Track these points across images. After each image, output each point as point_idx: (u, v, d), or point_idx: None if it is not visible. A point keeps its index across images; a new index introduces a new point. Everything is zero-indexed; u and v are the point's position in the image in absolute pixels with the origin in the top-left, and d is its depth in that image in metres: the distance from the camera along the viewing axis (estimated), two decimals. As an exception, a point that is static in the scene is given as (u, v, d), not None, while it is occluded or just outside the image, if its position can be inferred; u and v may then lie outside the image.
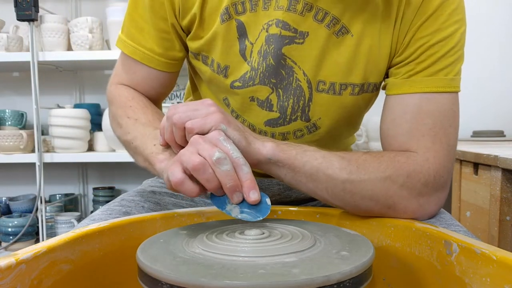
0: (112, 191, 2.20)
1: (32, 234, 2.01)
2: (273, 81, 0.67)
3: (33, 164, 1.91)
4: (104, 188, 2.20)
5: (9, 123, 2.08)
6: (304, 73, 0.66)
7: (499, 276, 0.40)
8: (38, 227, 1.98)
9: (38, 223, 1.97)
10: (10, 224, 1.94)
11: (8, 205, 2.12)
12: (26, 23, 1.88)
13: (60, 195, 2.23)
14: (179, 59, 0.74)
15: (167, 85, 0.78)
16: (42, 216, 1.94)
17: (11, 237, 1.93)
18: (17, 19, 1.82)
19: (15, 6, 1.79)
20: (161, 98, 0.80)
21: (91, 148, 2.06)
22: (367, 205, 0.58)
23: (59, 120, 1.91)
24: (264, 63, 0.66)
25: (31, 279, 0.42)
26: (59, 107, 2.06)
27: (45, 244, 0.45)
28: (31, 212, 1.98)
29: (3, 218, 1.98)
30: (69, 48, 1.96)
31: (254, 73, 0.67)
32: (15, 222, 1.94)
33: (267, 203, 0.51)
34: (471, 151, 1.22)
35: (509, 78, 2.06)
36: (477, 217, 1.21)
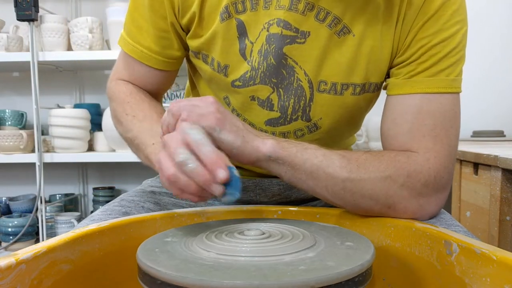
0: (112, 191, 2.20)
1: (32, 234, 2.01)
2: (274, 80, 0.67)
3: (33, 164, 1.91)
4: (104, 188, 2.20)
5: (9, 123, 2.08)
6: (305, 73, 0.66)
7: (499, 276, 0.40)
8: (38, 227, 1.98)
9: (38, 223, 1.97)
10: (10, 224, 1.94)
11: (8, 205, 2.12)
12: (26, 23, 1.88)
13: (60, 195, 2.23)
14: (177, 58, 0.74)
15: (165, 83, 0.79)
16: (42, 216, 1.94)
17: (11, 237, 1.93)
18: (17, 19, 1.82)
19: (15, 6, 1.79)
20: (160, 93, 0.81)
21: (91, 148, 2.06)
22: (367, 204, 0.58)
23: (59, 120, 1.91)
24: (264, 63, 0.66)
25: (31, 279, 0.42)
26: (59, 107, 2.06)
27: (45, 244, 0.45)
28: (31, 212, 1.98)
29: (3, 218, 1.98)
30: (69, 48, 1.96)
31: (254, 72, 0.67)
32: (15, 222, 1.94)
33: (236, 174, 0.47)
34: (471, 151, 1.22)
35: (509, 78, 2.06)
36: (477, 217, 1.21)
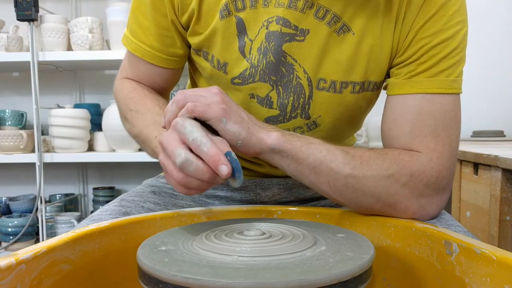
0: (112, 191, 2.20)
1: (32, 234, 2.01)
2: (273, 78, 0.67)
3: (33, 164, 1.91)
4: (104, 188, 2.20)
5: (9, 123, 2.08)
6: (304, 70, 0.66)
7: (499, 276, 0.40)
8: (38, 227, 1.98)
9: (38, 223, 1.97)
10: (10, 224, 1.94)
11: (8, 205, 2.12)
12: (26, 23, 1.88)
13: (60, 195, 2.24)
14: (181, 56, 0.74)
15: (170, 81, 0.79)
16: (42, 216, 1.94)
17: (11, 237, 1.93)
18: (17, 19, 1.83)
19: (15, 6, 1.79)
20: (165, 92, 0.81)
21: (91, 148, 2.06)
22: (368, 202, 0.58)
23: (59, 120, 1.91)
24: (264, 60, 0.66)
25: (31, 279, 0.42)
26: (59, 107, 2.06)
27: (45, 244, 0.45)
28: (31, 212, 1.98)
29: (3, 218, 1.98)
30: (69, 48, 1.96)
31: (254, 70, 0.67)
32: (15, 222, 1.94)
33: (234, 157, 0.49)
34: (471, 151, 1.22)
35: (509, 78, 2.06)
36: (477, 217, 1.21)
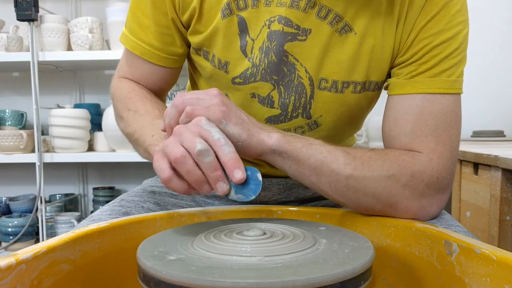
0: (112, 191, 2.20)
1: (32, 234, 2.01)
2: (275, 77, 0.67)
3: (33, 164, 1.91)
4: (104, 188, 2.20)
5: (9, 123, 2.08)
6: (306, 70, 0.66)
7: (499, 276, 0.40)
8: (38, 227, 1.98)
9: (38, 223, 1.97)
10: (10, 224, 1.94)
11: (8, 205, 2.12)
12: (26, 23, 1.88)
13: (60, 195, 2.23)
14: (180, 55, 0.74)
15: (168, 80, 0.78)
16: (42, 216, 1.93)
17: (11, 237, 1.93)
18: (17, 19, 1.82)
19: (15, 6, 1.79)
20: (163, 92, 0.81)
21: (91, 148, 2.06)
22: (369, 202, 0.58)
23: (59, 120, 1.91)
24: (265, 60, 0.66)
25: (31, 279, 0.42)
26: (59, 107, 2.06)
27: (45, 244, 0.45)
28: (31, 212, 1.98)
29: (3, 218, 1.98)
30: (69, 48, 1.95)
31: (255, 69, 0.67)
32: (15, 222, 1.94)
33: (258, 178, 0.50)
34: (471, 151, 1.22)
35: (509, 78, 2.06)
36: (477, 217, 1.21)
